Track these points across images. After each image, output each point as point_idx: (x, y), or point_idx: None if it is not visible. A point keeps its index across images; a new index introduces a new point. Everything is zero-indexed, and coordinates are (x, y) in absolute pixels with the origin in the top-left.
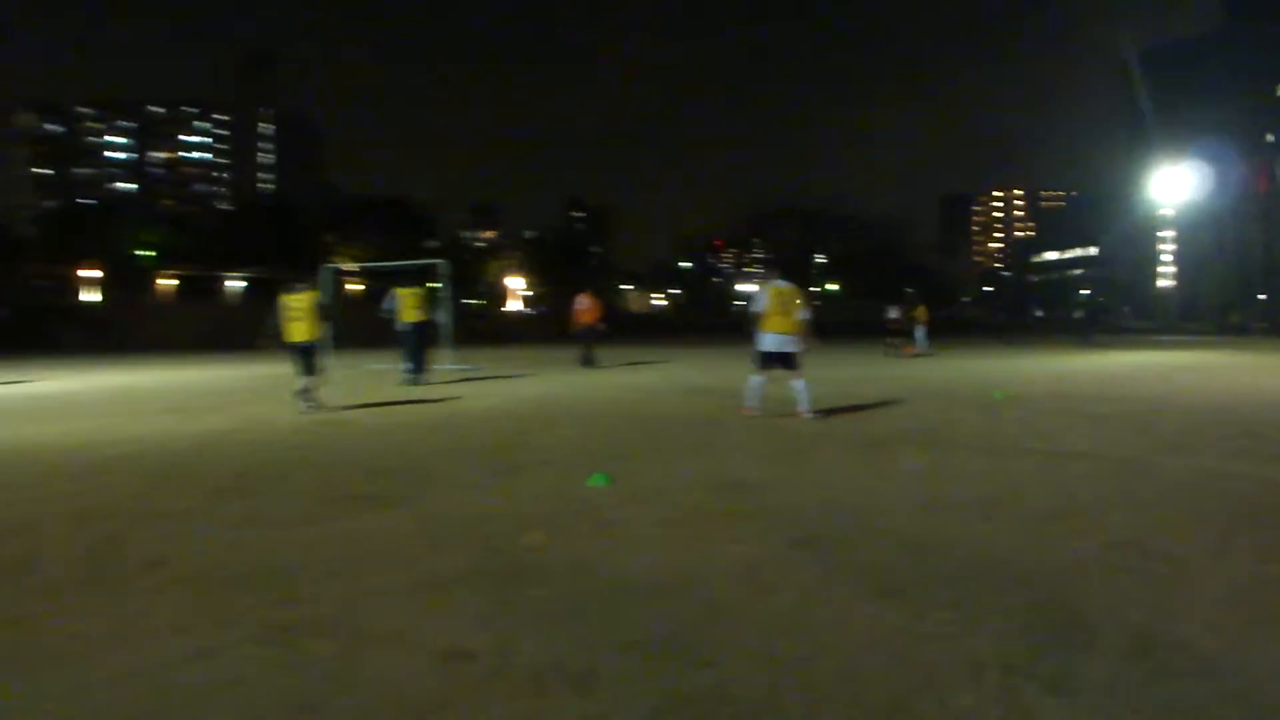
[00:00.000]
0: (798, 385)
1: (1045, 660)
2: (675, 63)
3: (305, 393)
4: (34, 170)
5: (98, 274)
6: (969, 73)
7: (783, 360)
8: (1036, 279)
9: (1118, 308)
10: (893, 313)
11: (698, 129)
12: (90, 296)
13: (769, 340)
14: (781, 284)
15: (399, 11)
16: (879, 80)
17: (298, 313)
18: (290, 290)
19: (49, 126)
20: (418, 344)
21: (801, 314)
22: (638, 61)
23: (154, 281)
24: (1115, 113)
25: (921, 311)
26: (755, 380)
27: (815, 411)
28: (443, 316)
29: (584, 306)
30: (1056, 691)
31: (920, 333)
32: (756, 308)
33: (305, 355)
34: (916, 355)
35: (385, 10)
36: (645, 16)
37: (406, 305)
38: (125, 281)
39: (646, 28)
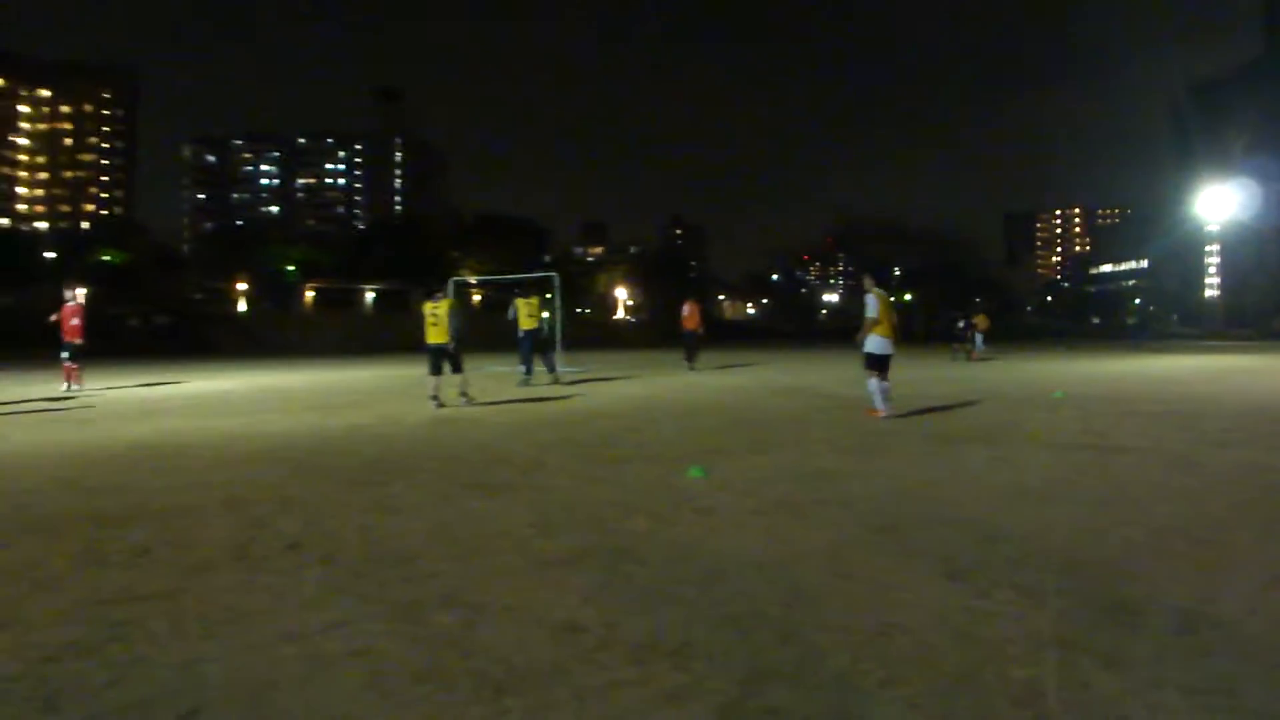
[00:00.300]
0: (886, 386)
1: (1099, 637)
2: (758, 84)
3: (434, 396)
4: (197, 195)
5: (248, 287)
6: (1032, 99)
7: (885, 363)
8: (1093, 290)
9: (1167, 316)
10: (961, 322)
11: (782, 150)
12: (241, 307)
13: (879, 344)
14: (881, 291)
15: (517, 46)
16: (950, 104)
17: (436, 319)
18: (431, 299)
19: (208, 157)
20: (533, 348)
21: (893, 319)
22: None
23: (298, 293)
24: (1166, 136)
25: (981, 319)
26: (875, 384)
27: (891, 412)
28: (555, 324)
29: (688, 313)
30: (1109, 665)
31: (979, 339)
32: (870, 313)
33: (442, 356)
34: (978, 359)
35: (505, 44)
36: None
37: (523, 314)
38: (272, 293)
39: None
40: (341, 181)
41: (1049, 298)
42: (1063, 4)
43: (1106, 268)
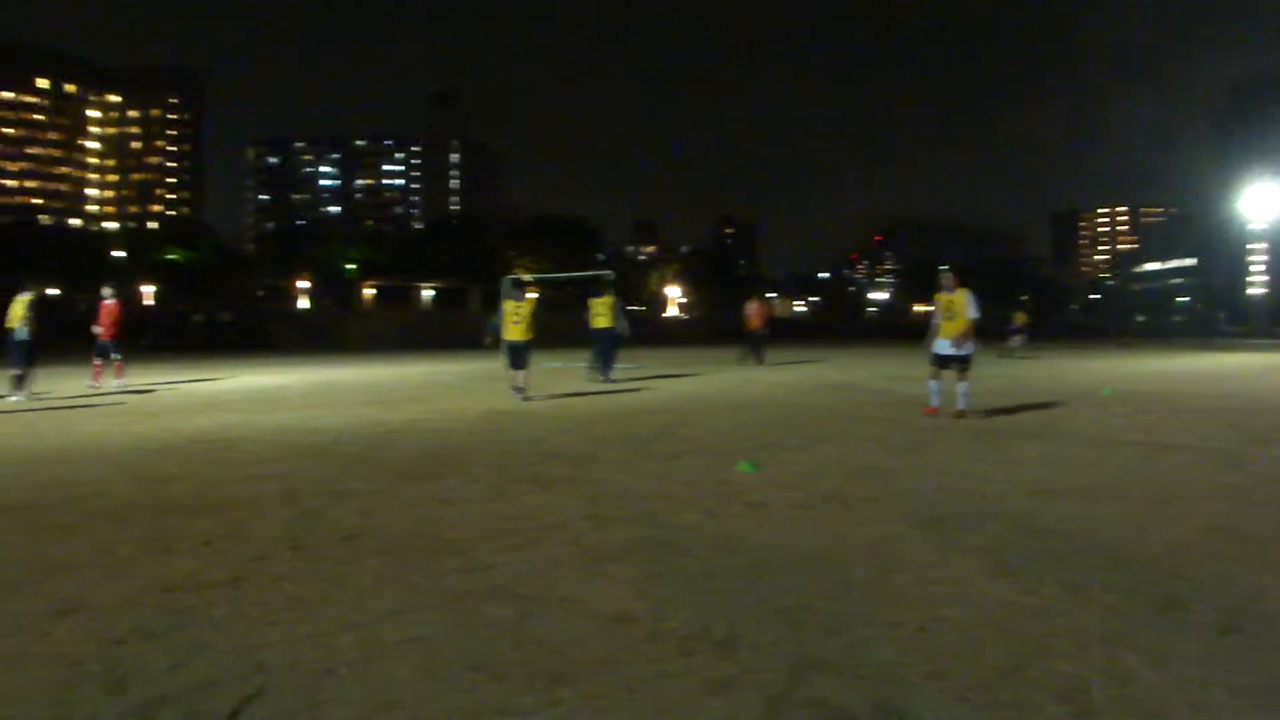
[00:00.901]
0: (934, 386)
1: (1146, 634)
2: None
3: (519, 388)
4: (260, 196)
5: (309, 285)
6: (1079, 101)
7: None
8: (1139, 288)
9: (1213, 314)
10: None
11: (831, 151)
12: (303, 304)
13: (969, 345)
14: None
15: (573, 49)
16: (996, 103)
17: (516, 317)
18: (514, 298)
19: (270, 159)
20: (604, 346)
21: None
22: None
23: (357, 291)
24: (1210, 135)
25: (1020, 316)
26: (964, 385)
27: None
28: (622, 323)
29: (754, 311)
30: (1156, 662)
31: (1018, 336)
32: (974, 313)
33: (519, 352)
34: (1024, 357)
35: (559, 47)
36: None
37: (595, 313)
38: (332, 291)
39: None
40: (399, 182)
41: (1096, 295)
42: (1110, 6)
43: (1152, 266)
